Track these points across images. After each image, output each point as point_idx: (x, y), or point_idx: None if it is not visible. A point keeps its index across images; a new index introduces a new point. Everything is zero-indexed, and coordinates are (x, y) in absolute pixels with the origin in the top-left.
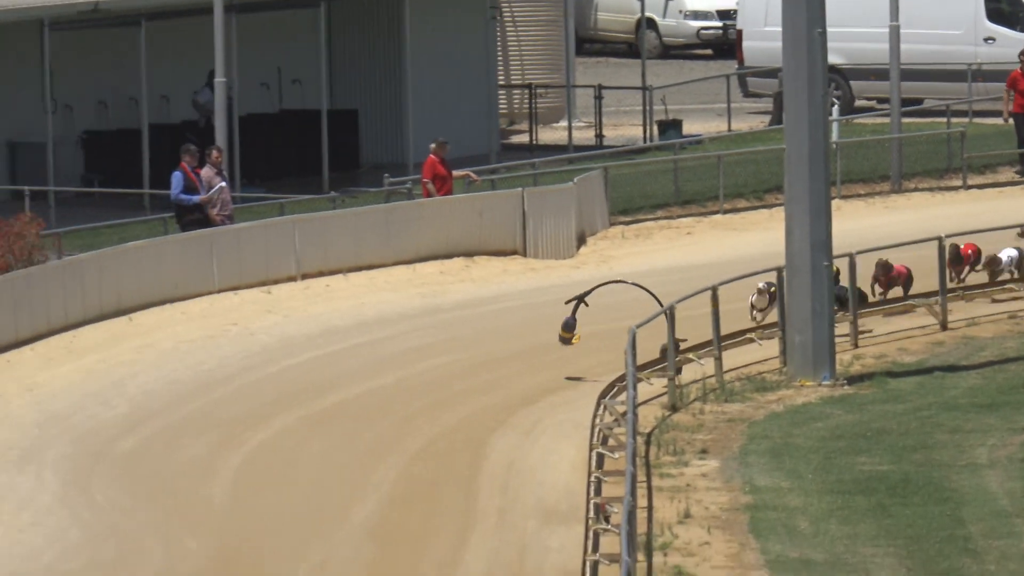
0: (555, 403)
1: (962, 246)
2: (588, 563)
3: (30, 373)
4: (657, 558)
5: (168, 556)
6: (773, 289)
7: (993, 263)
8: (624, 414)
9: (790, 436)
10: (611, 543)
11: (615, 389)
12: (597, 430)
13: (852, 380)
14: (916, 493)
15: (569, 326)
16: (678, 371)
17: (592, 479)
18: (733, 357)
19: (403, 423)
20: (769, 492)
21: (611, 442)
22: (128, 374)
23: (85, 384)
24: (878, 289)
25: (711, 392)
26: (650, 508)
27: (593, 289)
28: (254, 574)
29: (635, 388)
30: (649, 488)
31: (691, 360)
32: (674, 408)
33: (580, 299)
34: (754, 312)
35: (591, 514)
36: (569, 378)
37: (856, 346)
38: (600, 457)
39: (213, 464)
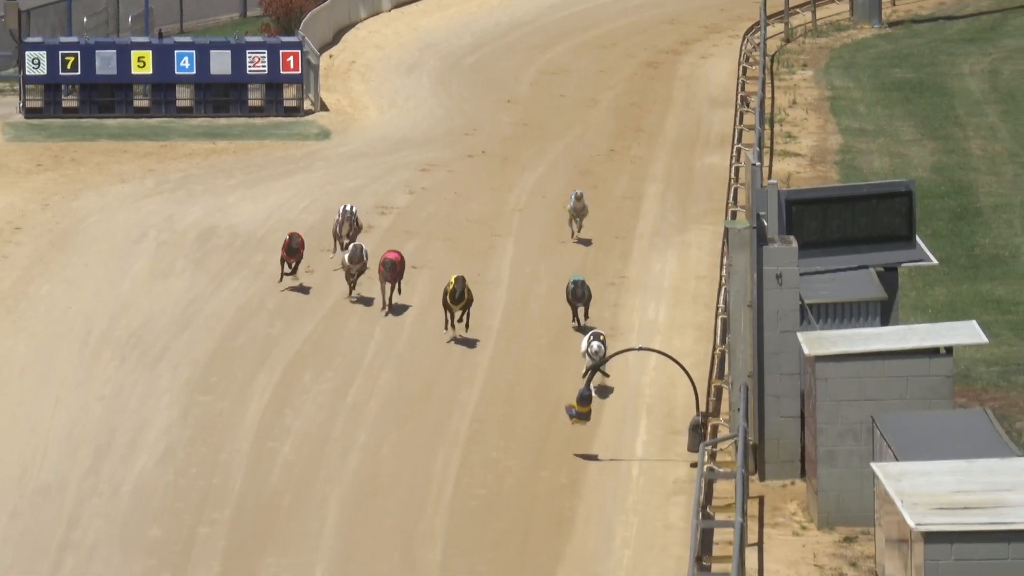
0: (719, 37)
1: None
2: (735, 130)
3: (415, 19)
4: (776, 128)
5: (492, 124)
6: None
7: None
8: (758, 44)
9: (854, 57)
10: (748, 118)
11: (753, 30)
12: (742, 53)
13: (892, 24)
14: (928, 91)
15: (585, 399)
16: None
17: (739, 81)
18: (824, 10)
19: (625, 53)
20: (842, 90)
21: (750, 59)
22: (472, 20)
23: (447, 25)
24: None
25: (809, 32)
26: (773, 98)
27: (609, 358)
28: (544, 135)
29: (765, 29)
30: (772, 86)
31: (797, 12)
32: (787, 40)
33: (596, 368)
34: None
35: (738, 102)
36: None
37: (894, 4)
38: (744, 69)
39: (516, 72)
